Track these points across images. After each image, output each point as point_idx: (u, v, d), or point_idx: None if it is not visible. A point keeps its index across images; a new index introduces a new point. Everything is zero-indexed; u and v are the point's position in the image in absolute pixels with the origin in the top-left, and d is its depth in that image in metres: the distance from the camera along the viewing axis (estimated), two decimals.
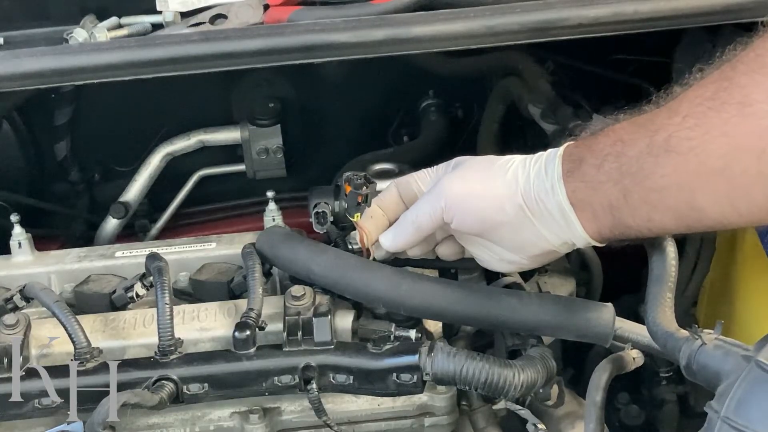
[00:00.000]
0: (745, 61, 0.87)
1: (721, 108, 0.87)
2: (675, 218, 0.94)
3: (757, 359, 0.83)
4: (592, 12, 1.16)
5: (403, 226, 1.11)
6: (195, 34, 1.24)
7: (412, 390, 1.09)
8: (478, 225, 1.06)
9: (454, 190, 1.06)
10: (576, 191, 0.99)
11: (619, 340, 1.13)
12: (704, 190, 0.89)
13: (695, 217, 0.92)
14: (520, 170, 1.04)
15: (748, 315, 1.39)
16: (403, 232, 1.11)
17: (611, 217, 0.98)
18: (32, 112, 1.74)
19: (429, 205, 1.08)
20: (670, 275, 1.08)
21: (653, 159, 0.92)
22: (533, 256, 1.07)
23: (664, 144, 0.91)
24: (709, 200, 0.90)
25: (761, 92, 0.84)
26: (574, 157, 1.00)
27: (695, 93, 0.91)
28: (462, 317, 1.10)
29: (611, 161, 0.96)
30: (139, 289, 1.21)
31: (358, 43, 1.15)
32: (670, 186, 0.91)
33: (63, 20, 1.37)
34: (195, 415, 1.16)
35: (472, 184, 1.05)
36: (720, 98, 0.87)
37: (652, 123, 0.94)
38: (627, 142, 0.95)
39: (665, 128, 0.91)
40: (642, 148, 0.93)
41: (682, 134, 0.89)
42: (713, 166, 0.87)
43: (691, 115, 0.89)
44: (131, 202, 1.70)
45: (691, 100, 0.90)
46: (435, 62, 1.69)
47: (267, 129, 1.75)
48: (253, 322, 1.10)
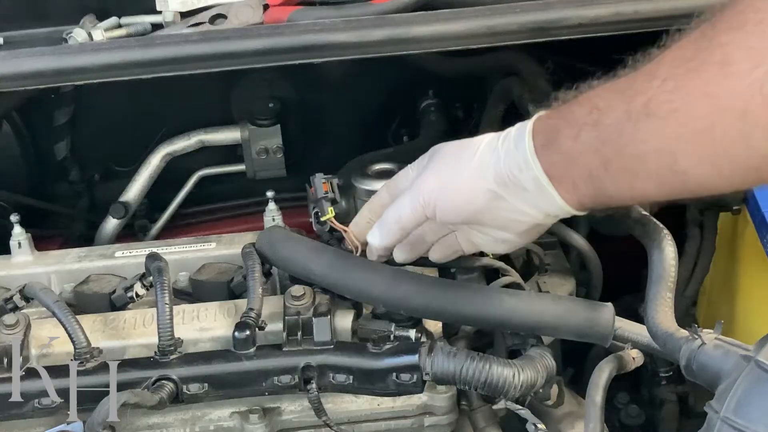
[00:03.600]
0: (725, 19, 0.84)
1: (701, 68, 0.84)
2: (658, 184, 0.92)
3: (756, 359, 0.83)
4: (592, 12, 1.16)
5: (387, 222, 1.10)
6: (195, 34, 1.24)
7: (412, 390, 1.09)
8: (459, 216, 1.05)
9: (429, 186, 1.05)
10: (554, 164, 0.97)
11: (619, 340, 1.13)
12: (687, 153, 0.87)
13: (678, 182, 0.90)
14: (488, 152, 1.02)
15: (748, 315, 1.39)
16: (388, 228, 1.10)
17: (592, 187, 0.96)
18: (32, 112, 1.74)
19: (409, 201, 1.07)
20: (670, 275, 1.08)
21: (632, 125, 0.89)
22: (521, 233, 1.06)
23: (644, 108, 0.88)
24: (692, 163, 0.87)
25: (742, 51, 0.82)
26: (548, 128, 0.98)
27: (674, 54, 0.88)
28: (462, 317, 1.10)
29: (588, 131, 0.93)
30: (139, 289, 1.21)
31: (358, 43, 1.15)
32: (652, 151, 0.89)
33: (63, 20, 1.37)
34: (195, 415, 1.16)
35: (444, 177, 1.05)
36: (700, 58, 0.84)
37: (629, 88, 0.90)
38: (604, 110, 0.92)
39: (644, 92, 0.88)
40: (620, 114, 0.90)
41: (662, 97, 0.86)
42: (695, 128, 0.85)
43: (670, 77, 0.86)
44: (131, 202, 1.70)
45: (671, 62, 0.88)
46: (435, 62, 1.69)
47: (267, 129, 1.75)
48: (253, 322, 1.10)
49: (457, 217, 1.06)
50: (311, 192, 1.23)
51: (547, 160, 0.97)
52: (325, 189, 1.22)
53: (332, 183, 1.24)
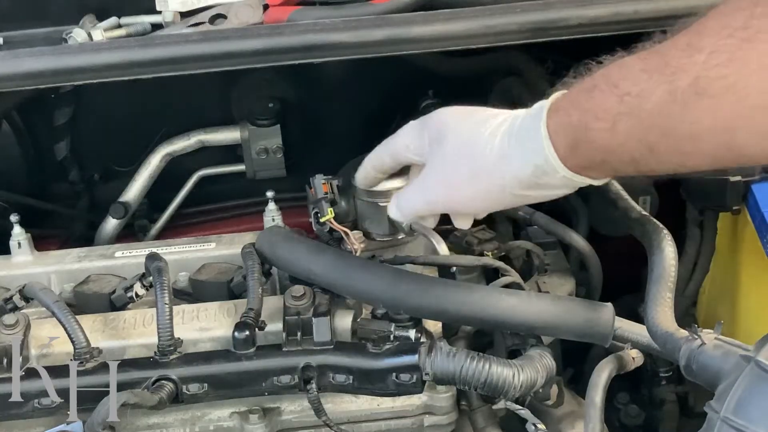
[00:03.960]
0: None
1: (755, 38, 0.77)
2: (710, 160, 0.86)
3: (756, 359, 0.83)
4: (592, 12, 1.16)
5: (405, 212, 1.13)
6: (195, 34, 1.24)
7: (412, 390, 1.09)
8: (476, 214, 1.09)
9: (438, 192, 1.07)
10: (587, 161, 0.92)
11: (619, 340, 1.13)
12: (745, 130, 0.81)
13: (732, 156, 0.85)
14: (504, 162, 0.98)
15: (748, 315, 1.39)
16: (406, 210, 1.12)
17: (634, 169, 0.91)
18: (32, 112, 1.74)
19: (421, 202, 1.10)
20: (670, 275, 1.08)
21: (680, 106, 0.82)
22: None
23: (692, 87, 0.81)
24: (750, 139, 0.82)
25: None
26: (571, 127, 0.92)
27: (719, 24, 0.81)
28: (462, 317, 1.10)
29: (626, 120, 0.87)
30: (139, 289, 1.21)
31: (358, 43, 1.15)
32: (705, 131, 0.83)
33: (62, 20, 1.37)
34: (195, 415, 1.16)
35: (456, 184, 1.04)
36: (753, 27, 0.78)
37: (665, 66, 0.83)
38: (640, 95, 0.85)
39: (687, 69, 0.81)
40: (662, 96, 0.83)
41: (713, 73, 0.80)
42: (754, 104, 0.79)
43: (718, 50, 0.79)
44: (131, 202, 1.70)
45: (716, 32, 0.80)
46: (435, 62, 1.69)
47: (267, 129, 1.75)
48: (253, 322, 1.10)
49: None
50: (311, 193, 1.23)
51: (576, 161, 0.93)
52: (325, 190, 1.23)
53: (332, 184, 1.24)
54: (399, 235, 1.35)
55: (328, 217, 1.20)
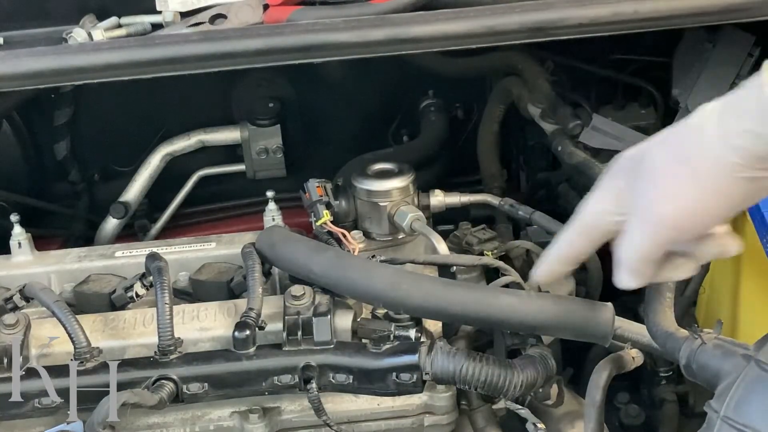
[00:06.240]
0: None
1: None
2: None
3: (756, 358, 0.83)
4: (592, 12, 1.16)
5: (632, 267, 0.92)
6: (195, 34, 1.24)
7: (412, 389, 1.09)
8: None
9: (666, 216, 0.85)
10: None
11: (619, 340, 1.13)
12: None
13: None
14: (731, 143, 0.81)
15: (748, 315, 1.39)
16: (638, 271, 0.92)
17: None
18: (32, 112, 1.75)
19: (649, 236, 0.88)
20: None
21: None
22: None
23: None
24: None
25: None
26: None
27: None
28: (462, 317, 1.10)
29: None
30: (139, 288, 1.21)
31: (358, 43, 1.15)
32: None
33: (63, 20, 1.37)
34: (195, 414, 1.16)
35: (681, 192, 0.84)
36: None
37: None
38: None
39: None
40: None
41: None
42: None
43: None
44: (131, 202, 1.71)
45: None
46: (435, 62, 1.69)
47: (267, 129, 1.75)
48: (253, 322, 1.10)
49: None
50: (306, 197, 1.23)
51: None
52: (320, 193, 1.23)
53: (326, 187, 1.24)
54: (399, 235, 1.35)
55: (324, 219, 1.20)
